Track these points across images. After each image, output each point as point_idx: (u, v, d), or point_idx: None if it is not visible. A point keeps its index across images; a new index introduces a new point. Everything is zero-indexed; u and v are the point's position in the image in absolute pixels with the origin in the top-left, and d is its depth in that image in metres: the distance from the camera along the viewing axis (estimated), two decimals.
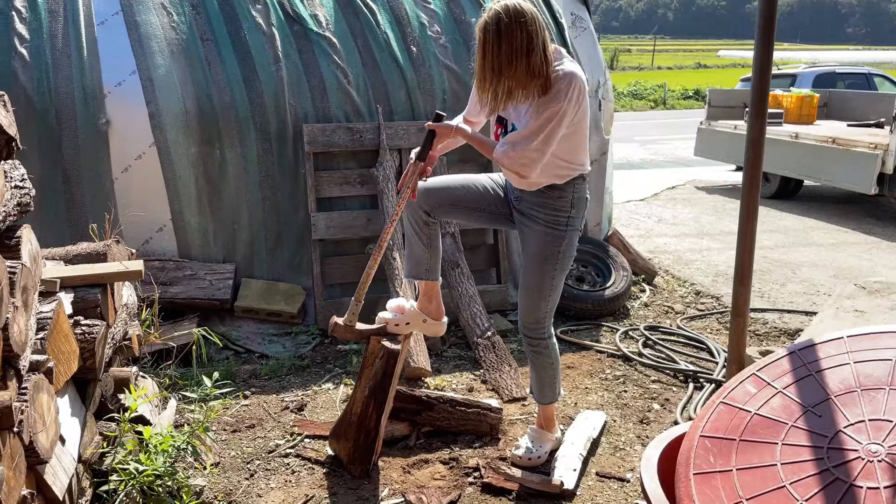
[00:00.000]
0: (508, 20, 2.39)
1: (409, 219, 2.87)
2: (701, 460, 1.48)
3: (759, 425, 1.50)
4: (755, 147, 2.29)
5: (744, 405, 1.55)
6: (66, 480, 2.27)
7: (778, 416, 1.50)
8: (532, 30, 2.42)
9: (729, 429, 1.52)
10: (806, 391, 1.52)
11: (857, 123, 9.15)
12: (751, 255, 2.37)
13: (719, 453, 1.48)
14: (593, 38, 5.29)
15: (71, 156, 4.00)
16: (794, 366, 1.59)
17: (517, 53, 2.40)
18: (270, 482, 2.87)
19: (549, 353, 2.94)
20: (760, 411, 1.53)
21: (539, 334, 2.90)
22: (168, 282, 4.05)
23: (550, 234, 2.75)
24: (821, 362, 1.56)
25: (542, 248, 2.77)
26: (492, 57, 2.42)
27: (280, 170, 4.36)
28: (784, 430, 1.46)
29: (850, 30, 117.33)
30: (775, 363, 1.62)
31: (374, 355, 2.79)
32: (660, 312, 4.82)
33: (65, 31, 4.08)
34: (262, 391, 3.64)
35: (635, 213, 7.95)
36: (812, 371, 1.55)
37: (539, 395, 3.05)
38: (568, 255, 2.81)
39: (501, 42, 2.40)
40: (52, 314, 2.30)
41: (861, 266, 5.96)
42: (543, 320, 2.88)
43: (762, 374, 1.61)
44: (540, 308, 2.85)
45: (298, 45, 4.47)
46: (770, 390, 1.56)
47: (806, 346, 1.62)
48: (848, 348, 1.56)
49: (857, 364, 1.51)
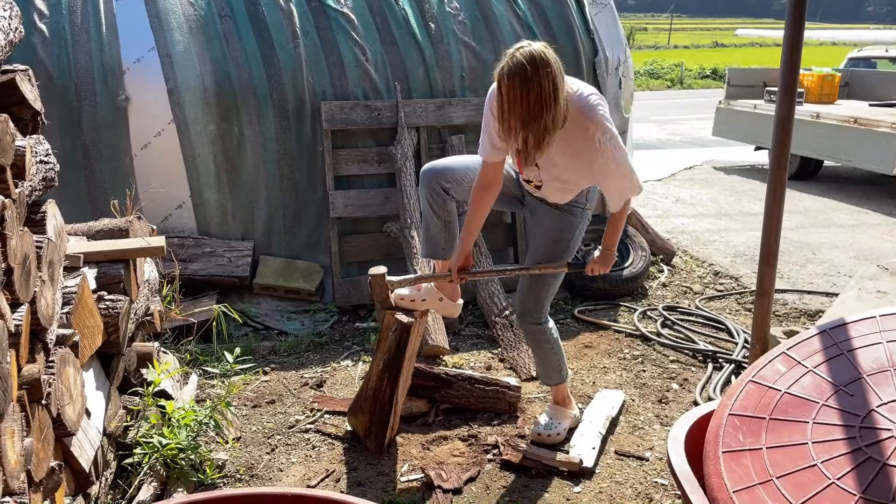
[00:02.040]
0: (535, 70, 2.25)
1: (426, 198, 2.84)
2: (730, 438, 1.47)
3: (789, 404, 1.49)
4: (784, 126, 2.25)
5: (773, 384, 1.54)
6: (92, 453, 2.30)
7: (809, 394, 1.49)
8: (559, 79, 2.30)
9: (759, 407, 1.51)
10: (837, 370, 1.50)
11: (879, 103, 9.00)
12: (777, 235, 2.34)
13: (749, 432, 1.47)
14: (614, 14, 5.22)
15: (90, 132, 4.01)
16: (824, 345, 1.57)
17: (546, 104, 2.28)
18: (291, 457, 2.89)
19: (548, 338, 2.93)
20: (791, 390, 1.51)
21: (536, 319, 2.88)
22: (187, 258, 4.07)
23: (565, 218, 2.75)
24: (852, 341, 1.54)
25: (554, 231, 2.77)
26: (519, 108, 2.29)
27: (298, 147, 4.35)
28: (815, 409, 1.45)
29: (871, 8, 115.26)
30: (805, 342, 1.60)
31: (388, 329, 2.80)
32: (678, 293, 4.80)
33: (83, 6, 4.07)
34: (281, 367, 3.66)
35: (653, 193, 7.88)
36: (843, 350, 1.54)
37: (545, 378, 3.06)
38: (576, 242, 2.82)
39: (530, 93, 2.26)
40: (77, 289, 2.31)
41: (882, 247, 5.89)
42: (543, 304, 2.87)
43: (792, 352, 1.59)
44: (540, 294, 2.84)
45: (316, 22, 4.44)
46: (801, 369, 1.54)
47: (837, 325, 1.60)
48: (881, 327, 1.54)
49: (891, 343, 1.49)
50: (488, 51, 4.67)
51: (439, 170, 2.82)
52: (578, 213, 2.77)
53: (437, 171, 2.81)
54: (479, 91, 4.66)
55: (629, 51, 5.39)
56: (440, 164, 2.86)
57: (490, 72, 4.87)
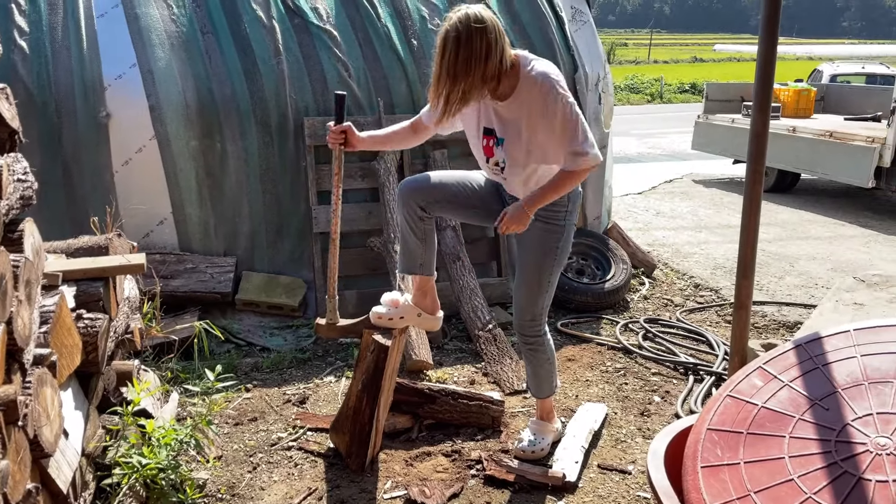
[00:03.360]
0: (469, 28, 2.41)
1: (403, 214, 2.86)
2: (708, 453, 1.49)
3: (766, 418, 1.51)
4: (759, 140, 2.29)
5: (750, 398, 1.56)
6: (70, 474, 2.27)
7: (785, 409, 1.51)
8: (492, 38, 2.43)
9: (736, 422, 1.53)
10: (813, 384, 1.53)
11: (854, 117, 9.16)
12: (754, 248, 2.37)
13: (727, 446, 1.49)
14: (593, 31, 5.28)
15: (71, 149, 3.98)
16: (800, 359, 1.59)
17: (476, 60, 2.42)
18: (273, 475, 2.87)
19: (545, 349, 2.94)
20: (767, 404, 1.53)
21: (535, 331, 2.89)
22: (169, 275, 4.04)
23: (548, 230, 2.75)
24: (827, 355, 1.57)
25: (539, 244, 2.77)
26: (449, 63, 2.43)
27: (281, 163, 4.35)
28: (791, 424, 1.47)
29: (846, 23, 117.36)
30: (781, 356, 1.63)
31: (367, 349, 2.80)
32: (659, 305, 4.84)
33: (64, 23, 4.06)
34: (263, 384, 3.64)
35: (633, 206, 7.95)
36: (819, 364, 1.56)
37: (536, 391, 3.05)
38: (565, 251, 2.81)
39: (460, 49, 2.41)
40: (55, 308, 2.29)
41: (859, 259, 5.98)
42: (540, 317, 2.88)
43: (768, 367, 1.61)
44: (537, 304, 2.85)
45: (299, 39, 4.46)
46: (777, 383, 1.57)
47: (812, 339, 1.63)
48: (855, 341, 1.56)
49: (865, 357, 1.52)
50: None
51: (415, 187, 2.83)
52: (560, 223, 2.76)
53: (414, 189, 2.82)
54: None
55: (608, 67, 5.46)
56: (417, 181, 2.87)
57: None
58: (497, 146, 2.67)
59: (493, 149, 2.68)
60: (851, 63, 13.35)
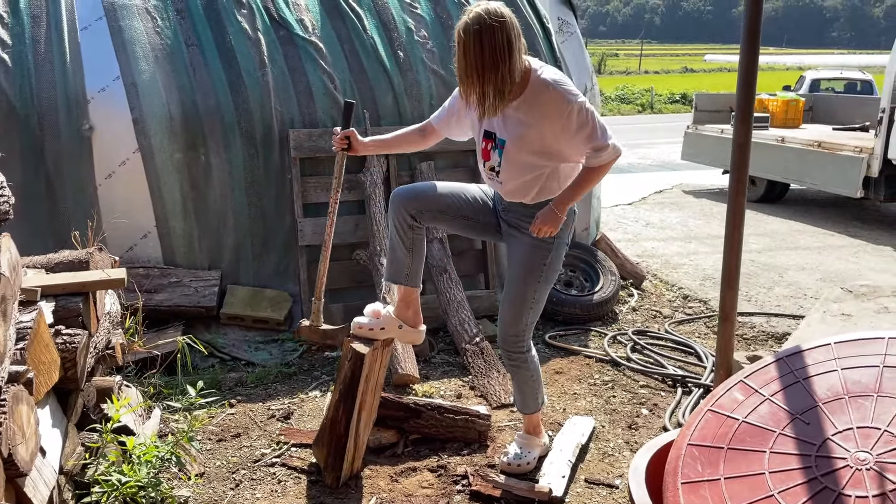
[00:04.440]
0: (490, 22, 2.39)
1: (393, 222, 2.84)
2: (689, 469, 1.47)
3: (746, 433, 1.49)
4: (741, 151, 2.29)
5: (731, 413, 1.54)
6: (47, 493, 2.23)
7: (766, 423, 1.49)
8: (513, 33, 2.43)
9: (717, 437, 1.51)
10: (794, 398, 1.51)
11: (842, 127, 9.21)
12: (738, 259, 2.36)
13: (707, 462, 1.47)
14: (580, 42, 5.30)
15: (53, 162, 3.95)
16: (781, 373, 1.58)
17: (501, 55, 2.40)
18: (256, 492, 2.83)
19: (528, 366, 2.90)
20: (748, 419, 1.51)
21: (518, 348, 2.85)
22: (153, 289, 4.00)
23: (538, 247, 2.72)
24: (808, 369, 1.55)
25: (527, 260, 2.74)
26: (474, 58, 2.41)
27: (266, 175, 4.33)
28: (772, 439, 1.45)
29: (835, 34, 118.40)
30: (763, 370, 1.61)
31: (345, 358, 2.77)
32: (648, 317, 4.82)
33: (47, 36, 4.04)
34: (248, 399, 3.60)
35: (623, 217, 7.96)
36: (800, 378, 1.54)
37: (522, 406, 3.01)
38: (553, 269, 2.78)
39: (483, 44, 2.39)
40: (33, 324, 2.26)
41: (847, 269, 5.99)
42: (523, 334, 2.84)
43: (750, 381, 1.59)
44: (521, 321, 2.80)
45: (284, 50, 4.44)
46: (758, 398, 1.55)
47: (793, 352, 1.61)
48: (836, 354, 1.55)
49: (845, 371, 1.50)
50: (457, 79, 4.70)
51: (408, 195, 2.81)
52: (549, 240, 2.72)
53: (406, 197, 2.80)
54: None
55: (595, 78, 5.47)
56: (410, 189, 2.86)
57: None
58: (494, 150, 2.65)
59: (490, 152, 2.67)
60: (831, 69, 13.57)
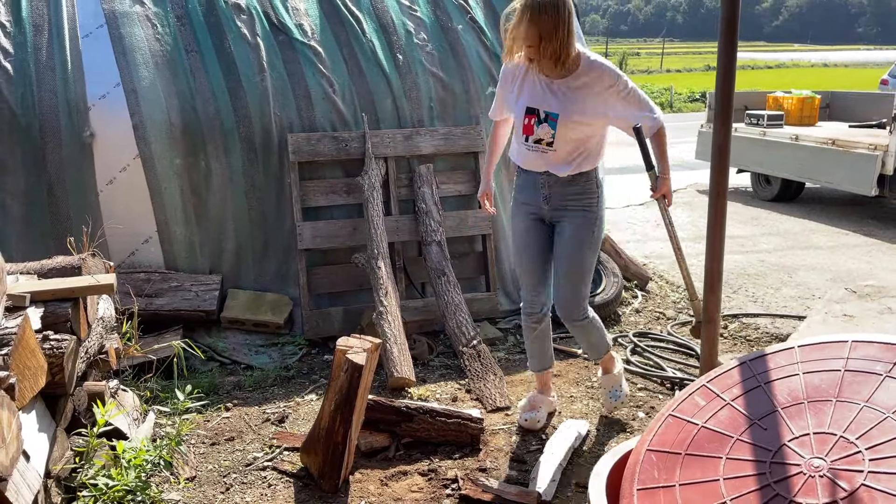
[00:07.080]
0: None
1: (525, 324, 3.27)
2: (646, 475, 1.45)
3: (705, 439, 1.46)
4: (721, 153, 2.25)
5: (691, 418, 1.52)
6: (31, 496, 2.26)
7: (724, 429, 1.47)
8: (571, 10, 2.78)
9: (675, 442, 1.49)
10: (754, 403, 1.48)
11: (858, 124, 9.05)
12: (720, 261, 2.33)
13: (664, 468, 1.45)
14: (582, 44, 5.25)
15: (55, 169, 4.01)
16: (744, 377, 1.55)
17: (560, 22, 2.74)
18: (246, 496, 2.85)
19: (594, 322, 3.23)
20: (707, 424, 1.49)
21: (583, 314, 3.16)
22: (154, 294, 4.05)
23: (587, 218, 3.04)
24: (770, 373, 1.52)
25: (579, 232, 3.04)
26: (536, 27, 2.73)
27: (265, 180, 4.36)
28: (729, 444, 1.43)
29: (861, 29, 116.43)
30: (726, 374, 1.58)
31: (339, 368, 2.77)
32: (651, 318, 4.77)
33: (49, 44, 4.10)
34: (244, 403, 3.62)
35: (633, 217, 7.89)
36: (762, 382, 1.52)
37: (595, 356, 3.38)
38: (599, 238, 3.11)
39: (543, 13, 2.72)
40: (18, 329, 2.28)
41: (859, 269, 5.88)
42: (584, 301, 3.15)
43: (712, 385, 1.57)
44: (582, 291, 3.12)
45: (283, 55, 4.47)
46: (719, 402, 1.52)
47: (757, 356, 1.58)
48: (798, 358, 1.52)
49: (806, 375, 1.47)
50: (456, 81, 4.71)
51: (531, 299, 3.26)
52: (595, 209, 3.07)
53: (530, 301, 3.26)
54: (448, 121, 4.68)
55: None
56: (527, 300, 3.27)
57: (458, 102, 4.90)
58: (539, 124, 2.95)
59: (532, 127, 2.97)
60: None
